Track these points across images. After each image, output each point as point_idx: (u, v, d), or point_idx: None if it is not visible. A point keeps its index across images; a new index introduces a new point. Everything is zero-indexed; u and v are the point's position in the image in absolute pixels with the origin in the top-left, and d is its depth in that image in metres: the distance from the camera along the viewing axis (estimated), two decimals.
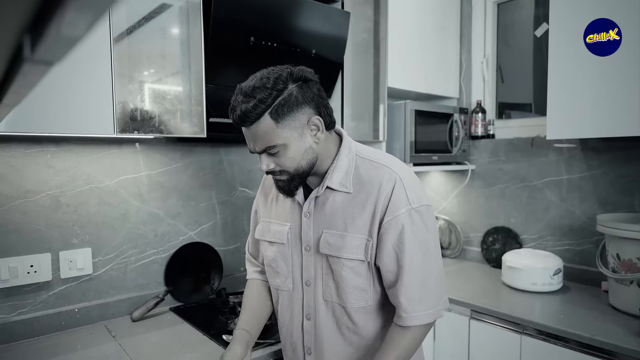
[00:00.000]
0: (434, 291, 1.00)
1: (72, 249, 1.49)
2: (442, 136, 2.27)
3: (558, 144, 2.08)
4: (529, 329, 1.60)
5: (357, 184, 1.02)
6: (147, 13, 1.32)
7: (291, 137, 0.95)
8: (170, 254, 1.71)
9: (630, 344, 1.36)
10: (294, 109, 0.94)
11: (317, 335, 1.08)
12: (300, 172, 1.00)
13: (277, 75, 0.93)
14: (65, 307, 1.47)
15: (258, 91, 0.92)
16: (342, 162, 1.03)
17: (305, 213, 1.06)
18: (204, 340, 1.38)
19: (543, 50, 1.80)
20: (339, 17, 1.75)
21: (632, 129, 1.57)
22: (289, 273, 1.11)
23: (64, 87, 1.17)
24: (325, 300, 1.06)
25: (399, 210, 0.97)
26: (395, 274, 0.99)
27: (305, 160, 0.99)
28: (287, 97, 0.93)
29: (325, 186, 1.02)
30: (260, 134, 0.94)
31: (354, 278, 1.02)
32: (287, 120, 0.94)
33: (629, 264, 1.57)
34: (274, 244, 1.12)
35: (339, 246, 1.01)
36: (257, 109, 0.91)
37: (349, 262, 1.01)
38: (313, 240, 1.05)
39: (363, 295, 1.03)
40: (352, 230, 1.00)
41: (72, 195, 1.49)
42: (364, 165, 1.03)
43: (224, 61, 1.55)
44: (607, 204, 1.93)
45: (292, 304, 1.13)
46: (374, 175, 1.01)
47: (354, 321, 1.05)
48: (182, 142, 1.72)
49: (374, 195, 0.99)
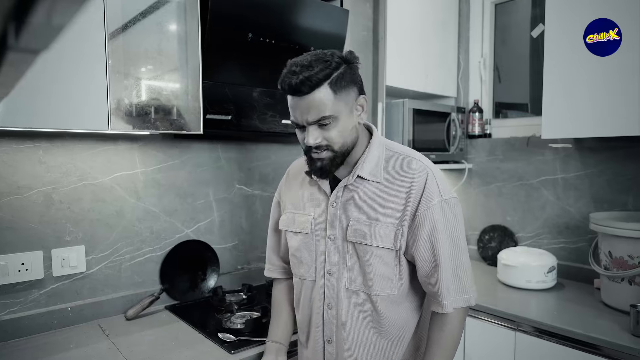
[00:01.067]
0: (464, 279, 1.04)
1: (65, 247, 1.47)
2: (440, 135, 2.27)
3: (553, 144, 2.09)
4: (523, 326, 1.61)
5: (387, 174, 1.05)
6: (144, 8, 1.30)
7: (343, 112, 0.99)
8: (166, 251, 1.69)
9: (621, 340, 1.38)
10: (348, 84, 0.99)
11: (339, 324, 1.09)
12: (344, 149, 1.03)
13: (332, 52, 0.99)
14: (58, 306, 1.45)
15: (316, 63, 0.96)
16: (373, 153, 1.07)
17: (332, 202, 1.09)
18: (200, 338, 1.37)
19: (539, 51, 1.81)
20: (338, 14, 1.75)
21: (627, 129, 1.59)
22: (313, 262, 1.13)
23: (57, 82, 1.15)
24: (348, 289, 1.08)
25: (432, 201, 1.01)
26: (432, 263, 1.02)
27: (350, 138, 1.03)
28: (343, 72, 0.98)
29: (357, 175, 1.05)
30: (316, 103, 0.96)
31: (381, 266, 1.04)
32: (343, 94, 0.98)
33: (620, 261, 1.58)
34: (298, 234, 1.15)
35: (368, 234, 1.03)
36: (319, 74, 0.94)
37: (377, 250, 1.03)
38: (339, 229, 1.07)
39: (388, 283, 1.06)
40: (383, 219, 1.03)
41: (65, 191, 1.47)
42: (393, 158, 1.08)
43: (221, 57, 1.53)
44: (602, 203, 1.94)
45: (313, 294, 1.14)
46: (404, 166, 1.05)
47: (378, 309, 1.07)
48: (179, 138, 1.71)
49: (406, 186, 1.03)
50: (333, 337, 1.10)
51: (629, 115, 1.59)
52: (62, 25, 1.15)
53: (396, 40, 2.06)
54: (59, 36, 1.15)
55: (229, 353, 1.26)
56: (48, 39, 1.13)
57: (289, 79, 0.96)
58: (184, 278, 1.73)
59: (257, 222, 1.96)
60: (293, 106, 1.00)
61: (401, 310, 1.09)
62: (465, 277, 1.05)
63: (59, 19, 1.15)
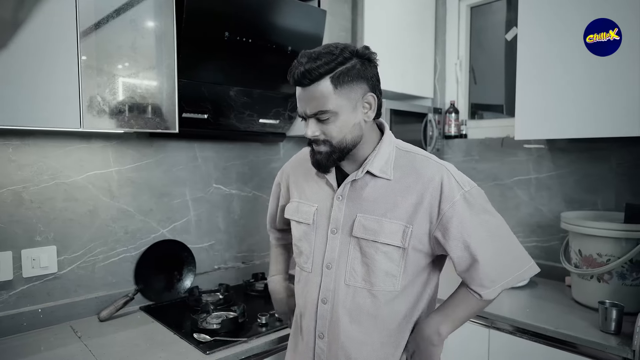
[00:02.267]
0: (510, 263, 1.04)
1: (35, 247, 1.44)
2: (417, 135, 2.30)
3: (527, 144, 2.14)
4: (497, 323, 1.64)
5: (398, 172, 1.04)
6: (118, 4, 1.28)
7: (344, 107, 0.98)
8: (141, 251, 1.67)
9: (590, 336, 1.42)
10: (354, 80, 0.97)
11: (333, 319, 1.07)
12: (343, 146, 1.01)
13: (344, 46, 0.97)
14: (28, 307, 1.42)
15: (324, 55, 0.95)
16: (384, 150, 1.05)
17: (337, 196, 1.07)
18: (175, 339, 1.36)
19: (514, 53, 1.86)
20: (315, 15, 1.75)
21: (597, 130, 1.63)
22: (311, 254, 1.11)
23: (27, 79, 1.13)
24: (347, 285, 1.06)
25: (454, 197, 0.99)
26: (468, 258, 1.01)
27: (351, 135, 1.01)
28: (350, 67, 0.96)
29: (366, 171, 1.04)
30: (317, 95, 0.96)
31: (386, 263, 1.03)
32: (345, 89, 0.96)
33: (589, 259, 1.63)
34: (301, 224, 1.14)
35: (376, 230, 1.02)
36: (320, 68, 0.94)
37: (384, 247, 1.02)
38: (343, 223, 1.06)
39: (392, 280, 1.04)
40: (391, 217, 1.02)
41: (36, 190, 1.44)
42: (404, 157, 1.06)
43: (197, 56, 1.52)
44: (572, 202, 2.00)
45: (307, 287, 1.12)
46: (417, 165, 1.04)
47: (377, 305, 1.05)
48: (154, 137, 1.69)
49: (420, 185, 1.01)
50: (325, 333, 1.08)
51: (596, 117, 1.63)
52: (31, 20, 1.13)
53: (374, 42, 2.07)
54: (28, 32, 1.12)
55: (204, 353, 1.25)
56: (16, 34, 1.11)
57: (295, 68, 0.97)
58: (160, 278, 1.71)
59: (234, 221, 1.95)
60: (298, 97, 1.01)
61: (401, 307, 1.07)
62: (514, 260, 1.05)
63: (27, 14, 1.12)
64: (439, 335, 1.06)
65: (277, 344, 1.39)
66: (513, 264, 1.04)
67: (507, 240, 1.04)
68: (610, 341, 1.38)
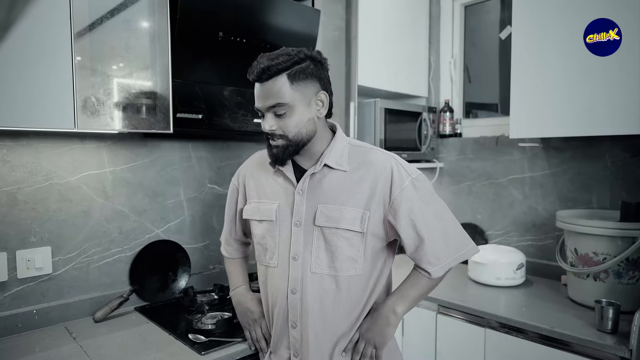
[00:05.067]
0: (454, 243, 1.14)
1: (30, 248, 1.43)
2: (412, 134, 2.30)
3: (522, 143, 2.15)
4: (492, 322, 1.65)
5: (353, 164, 1.14)
6: (112, 4, 1.28)
7: (299, 102, 1.07)
8: (136, 252, 1.67)
9: (586, 335, 1.42)
10: (308, 78, 1.07)
11: (303, 308, 1.13)
12: (298, 139, 1.10)
13: (299, 50, 1.09)
14: (23, 309, 1.41)
15: (281, 55, 1.06)
16: (337, 146, 1.15)
17: (298, 190, 1.15)
18: (169, 339, 1.36)
19: (508, 52, 1.86)
20: (309, 14, 1.75)
21: (597, 129, 1.64)
22: (276, 249, 1.18)
23: (21, 79, 1.13)
24: (313, 273, 1.13)
25: (403, 183, 1.10)
26: (416, 239, 1.11)
27: (305, 129, 1.10)
28: (305, 67, 1.07)
29: (323, 164, 1.13)
30: (274, 90, 1.06)
31: (348, 248, 1.11)
32: (300, 85, 1.06)
33: (585, 258, 1.63)
34: (263, 222, 1.20)
35: (337, 218, 1.10)
36: (278, 66, 1.04)
37: (345, 233, 1.10)
38: (305, 216, 1.13)
39: (353, 264, 1.13)
40: (349, 204, 1.11)
41: (30, 191, 1.43)
42: (356, 151, 1.17)
43: (191, 56, 1.52)
44: (567, 201, 2.00)
45: (275, 281, 1.18)
46: (368, 157, 1.14)
47: (342, 290, 1.13)
48: (148, 137, 1.68)
49: (372, 174, 1.11)
50: (297, 322, 1.14)
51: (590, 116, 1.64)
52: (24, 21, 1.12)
53: (368, 41, 2.08)
54: (22, 32, 1.12)
55: (199, 354, 1.25)
56: (9, 35, 1.11)
57: (254, 67, 1.07)
58: (154, 279, 1.70)
59: None
60: (256, 93, 1.10)
61: (365, 290, 1.16)
62: (457, 240, 1.14)
63: (20, 15, 1.12)
64: (395, 314, 1.15)
65: None
66: (457, 243, 1.14)
67: (451, 223, 1.15)
68: (607, 340, 1.38)
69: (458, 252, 1.14)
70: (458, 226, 1.17)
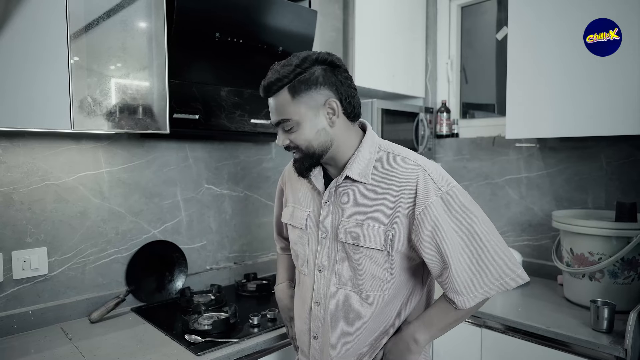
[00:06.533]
0: (490, 269, 0.97)
1: (26, 248, 1.43)
2: (409, 135, 2.31)
3: (519, 143, 2.15)
4: (489, 322, 1.65)
5: (377, 175, 1.03)
6: (108, 4, 1.28)
7: (305, 115, 1.00)
8: (133, 252, 1.67)
9: (582, 335, 1.42)
10: (312, 88, 0.99)
11: (326, 321, 1.08)
12: (311, 152, 1.03)
13: (305, 56, 1.00)
14: (18, 310, 1.41)
15: (284, 68, 0.99)
16: (363, 154, 1.05)
17: (325, 201, 1.08)
18: (166, 340, 1.35)
19: (505, 53, 1.87)
20: (306, 15, 1.75)
21: (596, 129, 1.64)
22: (305, 257, 1.14)
23: (17, 80, 1.12)
24: (337, 288, 1.07)
25: (429, 199, 0.97)
26: (439, 262, 0.98)
27: (317, 142, 1.02)
28: (309, 76, 0.98)
29: (345, 176, 1.04)
30: (278, 106, 1.01)
31: (372, 266, 1.03)
32: (304, 98, 0.99)
33: (581, 258, 1.64)
34: (295, 229, 1.17)
35: (357, 235, 1.03)
36: (278, 82, 0.99)
37: (367, 251, 1.02)
38: (331, 228, 1.07)
39: (379, 283, 1.04)
40: (372, 220, 1.02)
41: (26, 192, 1.43)
42: (385, 158, 1.05)
43: (188, 56, 1.52)
44: (563, 201, 2.01)
45: (303, 289, 1.15)
46: (395, 167, 1.02)
47: (367, 308, 1.05)
48: (145, 137, 1.68)
49: (395, 187, 1.00)
50: (319, 334, 1.10)
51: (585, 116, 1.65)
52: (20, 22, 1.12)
53: (365, 41, 2.08)
54: (18, 33, 1.12)
55: (195, 355, 1.25)
56: (5, 35, 1.10)
57: (262, 82, 1.02)
58: (151, 279, 1.70)
59: (225, 221, 1.94)
60: (269, 107, 1.05)
61: (393, 310, 1.07)
62: (496, 265, 0.96)
63: (17, 16, 1.12)
64: (415, 342, 1.04)
65: (269, 344, 1.38)
66: (494, 270, 0.97)
67: (491, 245, 0.97)
68: (602, 340, 1.38)
69: (496, 281, 0.96)
70: (500, 249, 0.98)
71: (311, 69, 0.99)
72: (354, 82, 1.08)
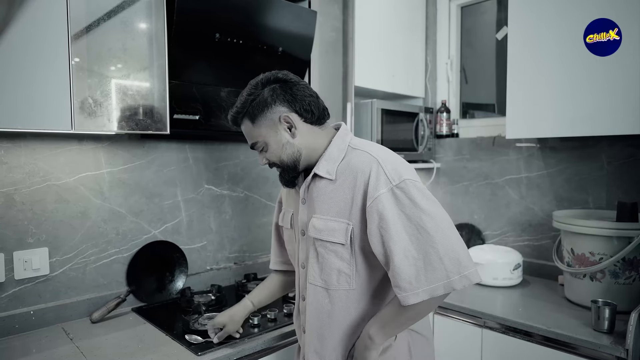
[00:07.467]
0: (439, 264, 0.93)
1: (27, 249, 1.43)
2: (409, 135, 2.31)
3: (519, 143, 2.15)
4: (489, 322, 1.65)
5: (341, 171, 1.06)
6: (109, 5, 1.28)
7: (268, 134, 1.07)
8: (133, 252, 1.67)
9: (583, 335, 1.42)
10: (265, 109, 1.05)
11: (308, 315, 1.14)
12: (285, 165, 1.09)
13: (255, 83, 1.08)
14: (20, 310, 1.42)
15: (240, 99, 1.09)
16: (331, 152, 1.09)
17: (302, 199, 1.14)
18: (166, 340, 1.36)
19: (505, 53, 1.87)
20: (306, 15, 1.76)
21: (590, 129, 1.64)
22: (295, 255, 1.22)
23: (18, 81, 1.13)
24: (309, 284, 1.12)
25: (378, 192, 0.97)
26: (384, 255, 0.98)
27: (285, 155, 1.08)
28: (260, 99, 1.05)
29: (313, 173, 1.09)
30: (246, 132, 1.11)
31: (337, 261, 1.06)
32: (261, 120, 1.06)
33: (582, 258, 1.64)
34: (286, 230, 1.25)
35: (322, 229, 1.06)
36: (238, 114, 1.09)
37: (331, 246, 1.05)
38: (306, 225, 1.12)
39: (346, 278, 1.06)
40: (334, 214, 1.06)
41: (27, 192, 1.43)
42: (352, 154, 1.07)
43: (188, 57, 1.53)
44: (563, 201, 2.01)
45: (296, 285, 1.24)
46: (352, 160, 1.05)
47: (335, 304, 1.07)
48: (145, 138, 1.68)
49: (351, 181, 1.03)
50: (305, 328, 1.15)
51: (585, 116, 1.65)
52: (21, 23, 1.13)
53: (365, 42, 2.08)
54: (19, 34, 1.12)
55: (196, 355, 1.25)
56: (6, 36, 1.11)
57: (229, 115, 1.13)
58: (152, 279, 1.71)
59: (225, 222, 1.95)
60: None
61: (360, 306, 1.08)
62: (443, 262, 0.93)
63: (17, 17, 1.12)
64: (370, 338, 1.02)
65: (269, 345, 1.39)
66: (440, 268, 0.93)
67: (438, 241, 0.94)
68: (603, 340, 1.38)
69: (442, 280, 0.93)
70: (454, 245, 0.94)
71: (261, 93, 1.06)
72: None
